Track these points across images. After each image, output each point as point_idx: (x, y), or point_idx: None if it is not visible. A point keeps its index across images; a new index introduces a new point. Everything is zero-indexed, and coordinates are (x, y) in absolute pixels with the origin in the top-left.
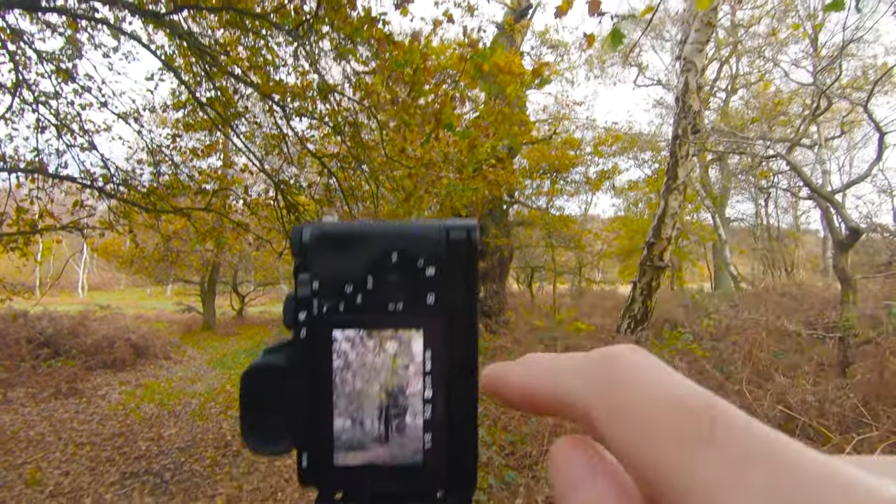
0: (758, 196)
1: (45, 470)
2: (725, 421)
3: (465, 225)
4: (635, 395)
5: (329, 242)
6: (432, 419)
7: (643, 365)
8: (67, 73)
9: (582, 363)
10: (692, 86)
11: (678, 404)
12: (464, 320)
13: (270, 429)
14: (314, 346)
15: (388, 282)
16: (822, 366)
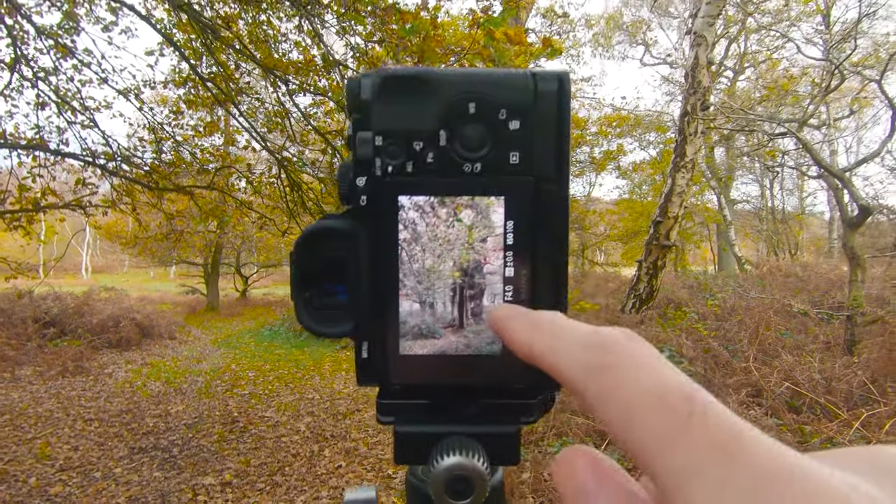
0: (763, 177)
1: (55, 445)
2: (701, 412)
3: (555, 72)
4: (623, 382)
5: (394, 90)
6: (514, 302)
7: (635, 353)
8: (66, 49)
9: (581, 340)
10: (702, 61)
11: (661, 394)
12: (553, 185)
13: (329, 307)
14: (377, 216)
15: (465, 137)
16: (828, 345)
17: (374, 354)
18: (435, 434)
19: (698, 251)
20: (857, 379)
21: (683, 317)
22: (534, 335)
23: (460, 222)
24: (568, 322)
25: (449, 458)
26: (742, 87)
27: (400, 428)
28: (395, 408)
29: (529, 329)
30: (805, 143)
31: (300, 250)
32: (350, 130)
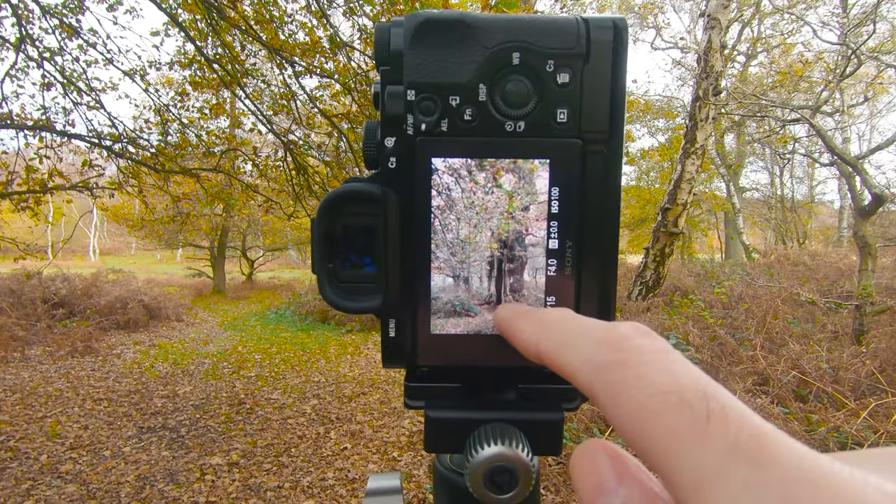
0: (773, 165)
1: (65, 424)
2: (720, 414)
3: (611, 19)
4: (635, 380)
5: (429, 38)
6: (557, 277)
7: (647, 348)
8: (71, 28)
9: (590, 337)
10: (715, 44)
11: (676, 392)
12: (604, 147)
13: (354, 279)
14: (407, 180)
15: (507, 92)
16: (836, 334)
17: (403, 333)
18: (471, 420)
19: (705, 239)
20: (864, 369)
21: (690, 304)
22: (541, 334)
23: (500, 188)
24: (577, 318)
25: (490, 447)
26: (755, 72)
27: (432, 413)
28: (426, 392)
29: (537, 328)
30: (818, 129)
31: (324, 216)
32: (377, 86)
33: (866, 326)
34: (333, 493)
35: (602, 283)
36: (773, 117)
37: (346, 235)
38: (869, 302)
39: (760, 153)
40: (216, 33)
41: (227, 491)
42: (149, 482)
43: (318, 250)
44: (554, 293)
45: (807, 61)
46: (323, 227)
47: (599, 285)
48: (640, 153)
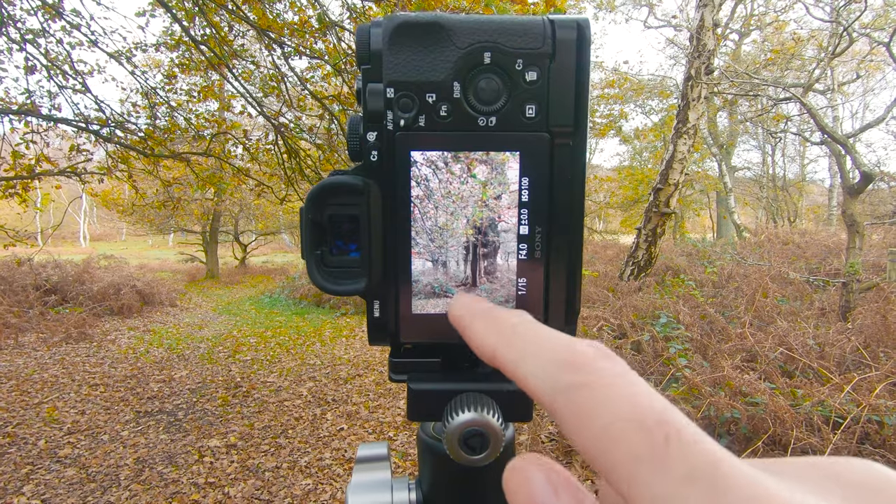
0: (765, 144)
1: (62, 409)
2: (677, 437)
3: (574, 19)
4: (596, 405)
5: (407, 38)
6: (528, 260)
7: (607, 372)
8: (54, 9)
9: (549, 356)
10: (708, 22)
11: (635, 418)
12: (570, 139)
13: (340, 265)
14: (388, 172)
15: (479, 89)
16: (823, 311)
17: (386, 313)
18: (448, 391)
19: (697, 218)
20: (850, 344)
21: (681, 284)
22: (498, 341)
23: (474, 178)
24: (534, 329)
25: (463, 413)
26: (747, 50)
27: (414, 385)
28: (408, 366)
29: (493, 334)
30: (809, 107)
31: (311, 206)
32: (360, 83)
33: (853, 303)
34: (331, 472)
35: (569, 265)
36: (765, 96)
37: (333, 224)
38: (856, 279)
39: (753, 132)
40: (203, 14)
41: (226, 472)
42: (147, 465)
43: (306, 238)
44: (524, 275)
45: (799, 39)
46: (310, 217)
47: (567, 267)
48: (633, 133)
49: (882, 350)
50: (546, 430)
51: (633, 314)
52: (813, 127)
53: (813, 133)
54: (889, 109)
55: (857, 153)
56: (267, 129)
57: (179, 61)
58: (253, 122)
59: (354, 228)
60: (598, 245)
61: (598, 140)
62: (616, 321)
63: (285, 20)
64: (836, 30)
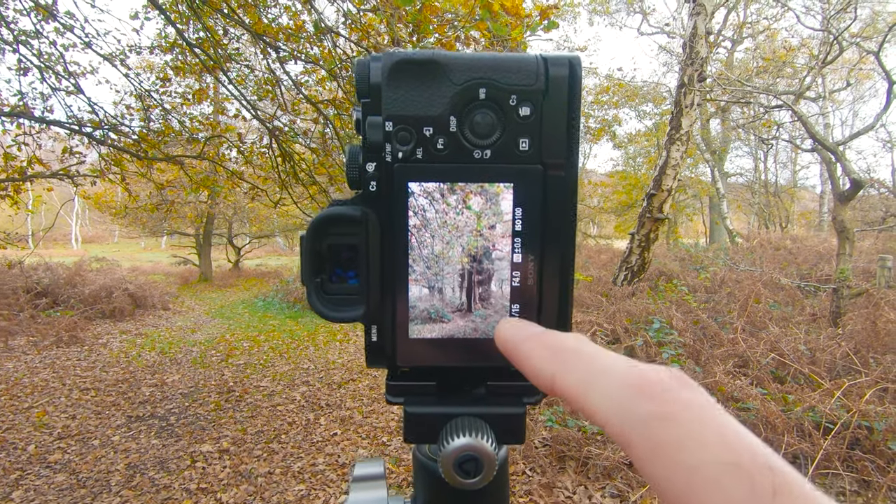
0: (757, 150)
1: (52, 414)
2: (785, 489)
3: (566, 57)
4: (686, 441)
5: (405, 74)
6: (521, 287)
7: (693, 404)
8: (47, 10)
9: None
10: (701, 30)
11: (736, 463)
12: (561, 171)
13: (340, 292)
14: (387, 202)
15: (475, 123)
16: (814, 317)
17: (384, 338)
18: (444, 415)
19: (691, 224)
20: (840, 350)
21: (674, 289)
22: (557, 367)
23: (469, 209)
24: (595, 351)
25: (459, 438)
26: (740, 58)
27: (410, 409)
28: (405, 389)
29: (550, 358)
30: (800, 115)
31: (311, 236)
32: (359, 115)
33: (843, 309)
34: (324, 477)
35: (560, 292)
36: (757, 103)
37: (332, 253)
38: (846, 285)
39: (745, 139)
40: (198, 17)
41: (218, 478)
42: (139, 470)
43: (306, 266)
44: (518, 301)
45: (790, 47)
46: (311, 246)
47: (558, 294)
48: (627, 137)
49: (872, 356)
50: (540, 436)
51: (627, 319)
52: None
53: (804, 140)
54: (878, 117)
55: (847, 160)
56: (261, 132)
57: (174, 64)
58: (247, 126)
59: (353, 257)
60: (592, 250)
61: (592, 145)
62: (609, 326)
63: (280, 25)
64: (826, 38)
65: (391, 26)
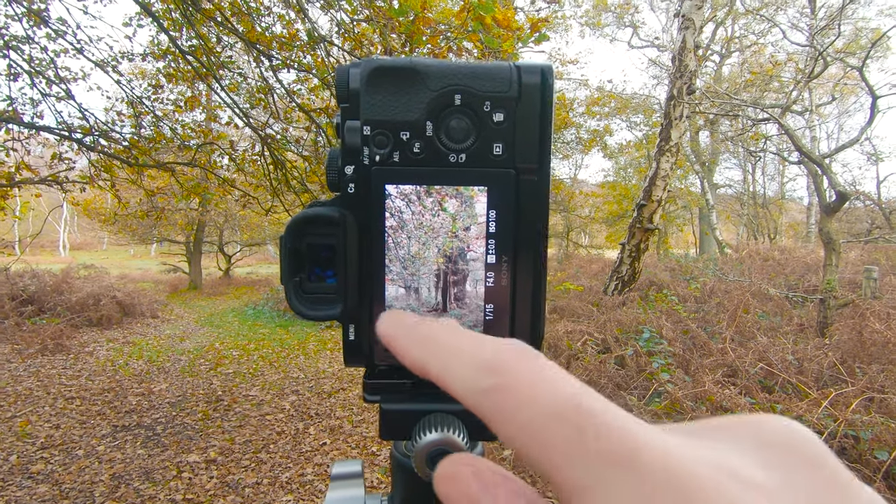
0: (746, 162)
1: (35, 423)
2: (596, 426)
3: (538, 66)
4: (521, 403)
5: (382, 80)
6: (495, 288)
7: (526, 370)
8: (39, 16)
9: (472, 362)
10: (689, 44)
11: (555, 411)
12: (534, 175)
13: (318, 291)
14: (364, 204)
15: (450, 128)
16: (801, 327)
17: (361, 336)
18: (418, 411)
19: (681, 234)
20: (827, 360)
21: (664, 299)
22: (426, 355)
23: (445, 211)
24: (458, 337)
25: (430, 433)
26: (728, 72)
27: (385, 406)
28: (381, 387)
29: (420, 347)
30: (787, 128)
31: (290, 236)
32: (339, 119)
33: (830, 319)
34: (312, 488)
35: (533, 292)
36: (745, 116)
37: (311, 252)
38: (832, 296)
39: (733, 151)
40: (191, 24)
41: (205, 488)
42: (124, 481)
43: (285, 266)
44: (492, 301)
45: (777, 62)
46: (290, 246)
47: (531, 294)
48: (618, 147)
49: (858, 365)
50: None
51: (617, 329)
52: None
53: (791, 153)
54: (863, 131)
55: (833, 173)
56: (253, 140)
57: (166, 71)
58: (240, 134)
59: (331, 256)
60: (584, 259)
61: (584, 156)
62: (600, 335)
63: (274, 33)
64: (812, 54)
65: (384, 36)
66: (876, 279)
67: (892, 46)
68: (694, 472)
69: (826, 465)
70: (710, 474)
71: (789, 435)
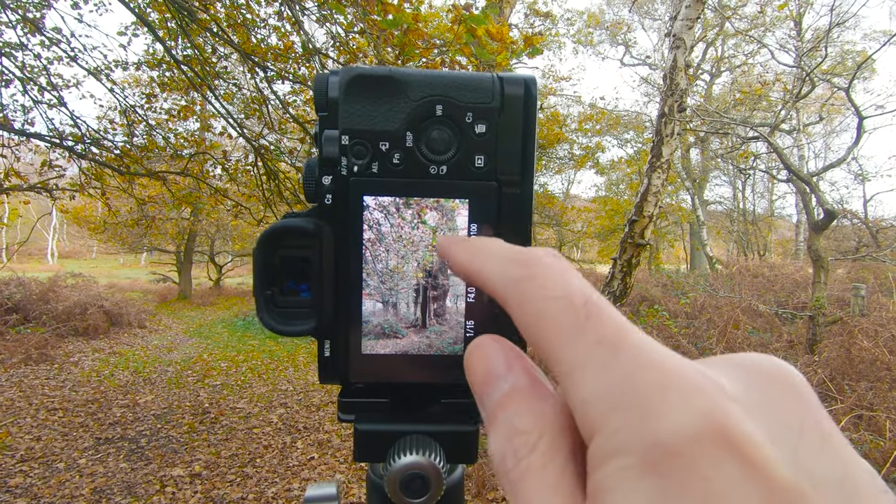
0: (736, 180)
1: (16, 435)
2: (597, 314)
3: (521, 77)
4: (536, 290)
5: (362, 89)
6: (476, 304)
7: (550, 265)
8: (34, 24)
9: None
10: (680, 63)
11: (565, 297)
12: (516, 188)
13: (291, 305)
14: (341, 216)
15: (431, 139)
16: (791, 343)
17: (337, 353)
18: (394, 432)
19: (672, 250)
20: (816, 377)
21: (656, 314)
22: (468, 257)
23: (424, 224)
24: (500, 244)
25: (405, 456)
26: (718, 90)
27: (360, 426)
28: (356, 406)
29: (468, 252)
30: (776, 147)
31: (262, 248)
32: (317, 128)
33: (819, 336)
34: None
35: None
36: (734, 134)
37: (284, 265)
38: (821, 313)
39: (723, 168)
40: (186, 35)
41: (188, 503)
42: (105, 495)
43: (258, 278)
44: (473, 318)
45: (766, 82)
46: (262, 258)
47: None
48: (609, 163)
49: (847, 382)
50: None
51: None
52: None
53: (780, 171)
54: (850, 150)
55: (821, 191)
56: (247, 150)
57: (160, 80)
58: (233, 143)
59: (306, 269)
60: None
61: (576, 171)
62: None
63: (269, 45)
64: (799, 74)
65: (378, 49)
66: (864, 297)
67: (877, 69)
68: (676, 366)
69: (803, 396)
70: (691, 371)
71: (776, 368)
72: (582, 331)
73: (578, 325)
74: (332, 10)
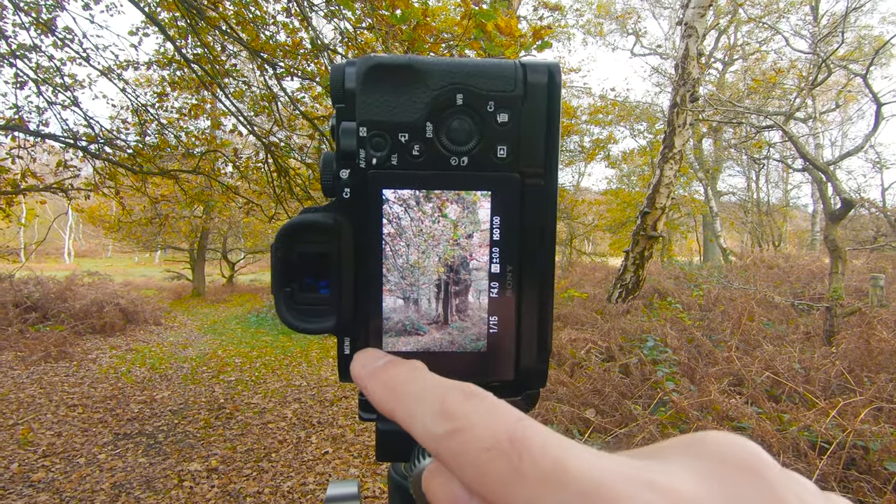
0: (749, 169)
1: (37, 431)
2: (527, 450)
3: (545, 64)
4: (470, 446)
5: (380, 79)
6: (499, 299)
7: (472, 412)
8: (47, 26)
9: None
10: (692, 52)
11: (495, 445)
12: (540, 179)
13: (310, 302)
14: (360, 210)
15: (451, 130)
16: (808, 335)
17: (357, 350)
18: None
19: (684, 241)
20: (834, 369)
21: (668, 307)
22: (391, 401)
23: (445, 218)
24: (420, 383)
25: (429, 457)
26: (731, 79)
27: (382, 426)
28: None
29: (387, 393)
30: (791, 135)
31: (281, 244)
32: (333, 120)
33: (837, 327)
34: (314, 497)
35: (540, 302)
36: (748, 123)
37: (303, 261)
38: (839, 304)
39: (737, 158)
40: (195, 33)
41: (206, 497)
42: (124, 490)
43: (276, 275)
44: (496, 313)
45: (780, 70)
46: (280, 254)
47: (538, 305)
48: (621, 155)
49: (866, 374)
50: None
51: (622, 337)
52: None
53: (795, 160)
54: (867, 138)
55: (838, 180)
56: (257, 147)
57: (171, 79)
58: (244, 141)
59: (325, 265)
60: (587, 267)
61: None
62: (604, 343)
63: (278, 42)
64: (815, 61)
65: (386, 44)
66: (882, 287)
67: (895, 54)
68: (611, 484)
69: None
70: (625, 485)
71: (728, 448)
72: (521, 475)
73: (515, 470)
74: (340, 5)
